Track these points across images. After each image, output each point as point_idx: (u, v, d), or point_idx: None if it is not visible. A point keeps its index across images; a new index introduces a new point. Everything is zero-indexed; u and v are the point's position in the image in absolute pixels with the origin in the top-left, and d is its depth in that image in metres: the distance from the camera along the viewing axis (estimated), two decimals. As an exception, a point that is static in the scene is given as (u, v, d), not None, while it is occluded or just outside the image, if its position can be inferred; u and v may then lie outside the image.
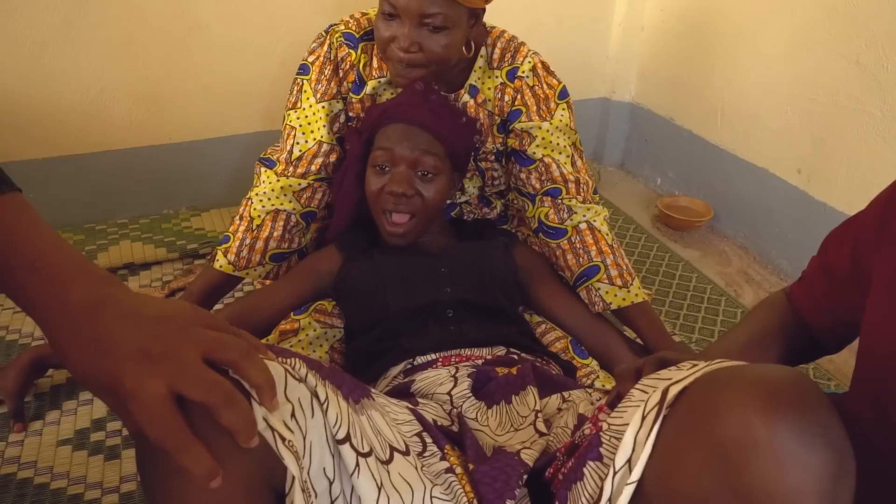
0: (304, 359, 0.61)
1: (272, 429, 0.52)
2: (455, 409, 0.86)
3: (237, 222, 1.28)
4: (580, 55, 2.14)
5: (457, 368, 0.95)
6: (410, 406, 0.79)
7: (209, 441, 0.47)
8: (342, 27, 1.29)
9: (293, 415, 0.55)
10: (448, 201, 1.33)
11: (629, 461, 0.55)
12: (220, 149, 1.75)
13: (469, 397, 0.89)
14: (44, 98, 1.52)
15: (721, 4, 1.81)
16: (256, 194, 1.28)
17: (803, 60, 1.57)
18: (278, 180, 1.28)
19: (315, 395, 0.58)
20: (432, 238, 1.23)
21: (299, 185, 1.28)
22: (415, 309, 1.08)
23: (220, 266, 1.25)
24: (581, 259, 1.25)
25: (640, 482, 0.55)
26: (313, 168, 1.28)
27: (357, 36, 1.28)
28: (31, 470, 1.06)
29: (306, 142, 1.28)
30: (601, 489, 0.57)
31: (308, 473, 0.56)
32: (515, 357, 1.00)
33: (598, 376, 1.17)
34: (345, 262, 1.21)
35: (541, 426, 0.80)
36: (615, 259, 1.25)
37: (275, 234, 1.27)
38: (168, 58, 1.62)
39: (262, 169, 1.31)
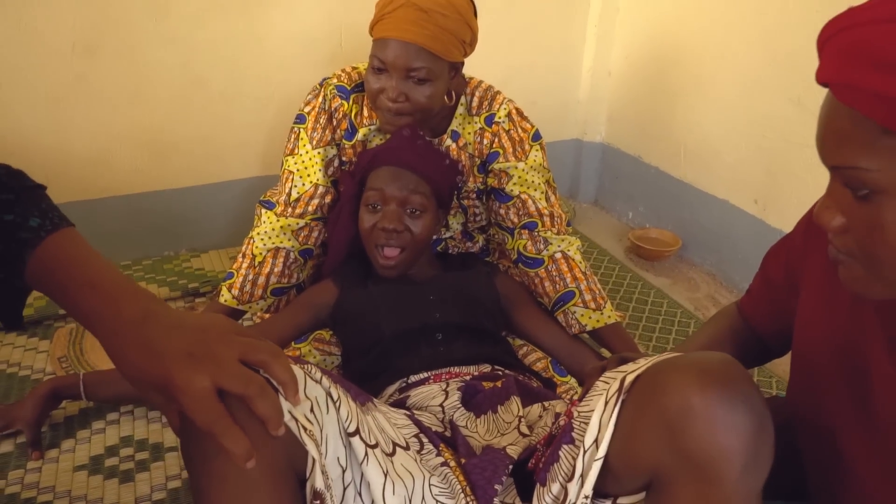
0: (317, 366, 0.71)
1: (295, 420, 0.62)
2: (447, 418, 0.96)
3: (240, 260, 1.38)
4: (553, 100, 2.27)
5: (447, 384, 1.05)
6: (408, 413, 0.88)
7: (244, 429, 0.57)
8: (335, 80, 1.42)
9: (311, 410, 0.65)
10: (434, 237, 1.44)
11: (596, 441, 0.65)
12: (218, 193, 1.85)
13: (459, 408, 0.99)
14: (57, 148, 1.62)
15: (679, 52, 1.97)
16: (258, 233, 1.38)
17: (754, 102, 1.72)
18: (278, 220, 1.38)
19: (329, 394, 0.68)
20: (421, 269, 1.34)
21: (297, 224, 1.39)
22: (407, 332, 1.17)
23: (225, 300, 1.35)
24: (557, 286, 1.36)
25: (606, 458, 0.65)
26: (310, 209, 1.39)
27: (349, 88, 1.41)
28: (51, 494, 1.13)
29: (303, 185, 1.39)
30: (574, 467, 0.67)
31: (324, 460, 0.66)
32: (500, 373, 1.10)
33: (576, 392, 1.27)
34: (341, 294, 1.31)
35: (524, 429, 0.90)
36: (588, 284, 1.36)
37: (275, 270, 1.37)
38: (171, 109, 1.73)
39: (263, 210, 1.42)
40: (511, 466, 0.78)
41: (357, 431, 0.69)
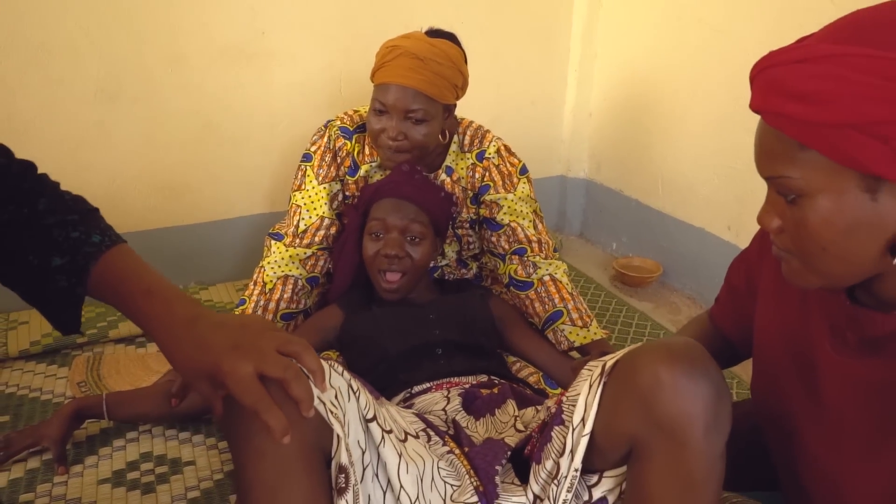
0: (338, 362, 0.82)
1: (323, 404, 0.72)
2: (450, 419, 1.05)
3: (252, 287, 1.48)
4: (538, 139, 2.41)
5: (448, 391, 1.14)
6: (415, 412, 0.98)
7: (281, 410, 0.67)
8: (338, 122, 1.55)
9: (335, 397, 0.75)
10: (431, 264, 1.56)
11: (583, 419, 0.75)
12: (226, 230, 1.96)
13: (460, 411, 1.08)
14: (75, 188, 1.70)
15: (653, 93, 2.13)
16: (268, 263, 1.49)
17: (723, 137, 1.87)
18: (287, 250, 1.49)
19: (350, 385, 0.78)
20: (420, 293, 1.45)
21: (305, 254, 1.50)
22: (409, 349, 1.27)
23: (238, 324, 1.44)
24: (546, 306, 1.47)
25: (592, 434, 0.75)
26: (316, 239, 1.50)
27: (351, 129, 1.54)
28: (77, 505, 1.21)
29: (310, 217, 1.50)
30: (564, 444, 0.77)
31: (347, 440, 0.75)
32: (496, 382, 1.20)
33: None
34: (346, 317, 1.41)
35: (519, 426, 1.00)
36: (575, 304, 1.47)
37: (285, 296, 1.47)
38: (183, 151, 1.85)
39: (272, 242, 1.53)
40: (509, 453, 0.88)
41: (374, 418, 0.79)
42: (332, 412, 0.72)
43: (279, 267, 1.48)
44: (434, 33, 1.45)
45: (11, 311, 1.76)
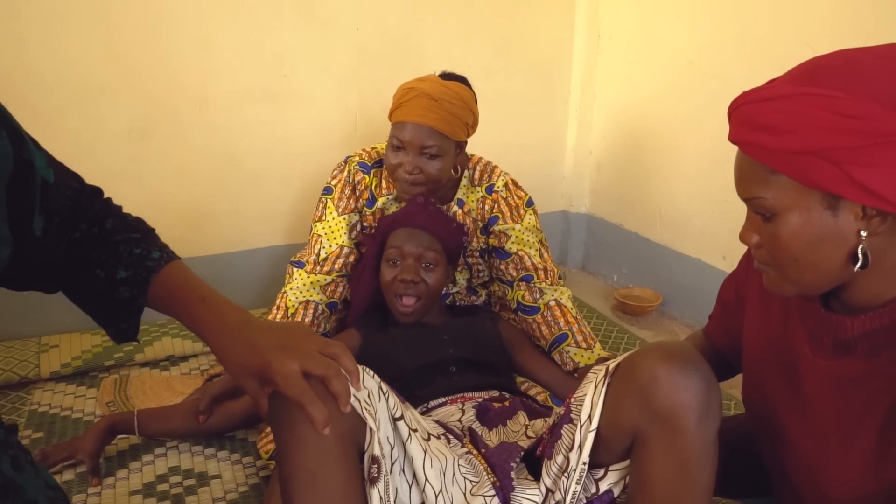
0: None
1: (358, 401, 0.81)
2: (465, 427, 1.13)
3: (275, 311, 1.57)
4: (541, 176, 2.52)
5: (463, 405, 1.23)
6: (434, 419, 1.07)
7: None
8: (357, 158, 1.67)
9: (368, 396, 0.84)
10: (443, 290, 1.65)
11: (590, 416, 0.84)
12: (246, 260, 2.05)
13: (474, 422, 1.16)
14: None
15: (650, 132, 2.25)
16: (290, 289, 1.58)
17: (716, 172, 1.98)
18: (308, 277, 1.59)
19: (380, 388, 0.87)
20: (433, 317, 1.54)
21: (325, 280, 1.59)
22: (424, 366, 1.36)
23: (262, 346, 1.53)
24: (552, 329, 1.56)
25: (598, 430, 0.84)
26: (336, 267, 1.60)
27: (369, 164, 1.66)
28: (111, 515, 1.28)
29: (331, 246, 1.61)
30: (573, 440, 0.85)
31: (379, 434, 0.84)
32: (506, 396, 1.29)
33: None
34: (365, 339, 1.49)
35: (530, 434, 1.08)
36: (580, 327, 1.56)
37: (306, 320, 1.56)
38: (209, 185, 1.96)
39: (294, 269, 1.63)
40: (522, 453, 0.96)
41: (402, 417, 0.88)
42: (365, 409, 0.81)
43: (301, 293, 1.57)
44: (447, 76, 1.58)
45: (43, 335, 1.85)
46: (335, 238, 1.61)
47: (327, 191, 1.65)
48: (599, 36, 2.40)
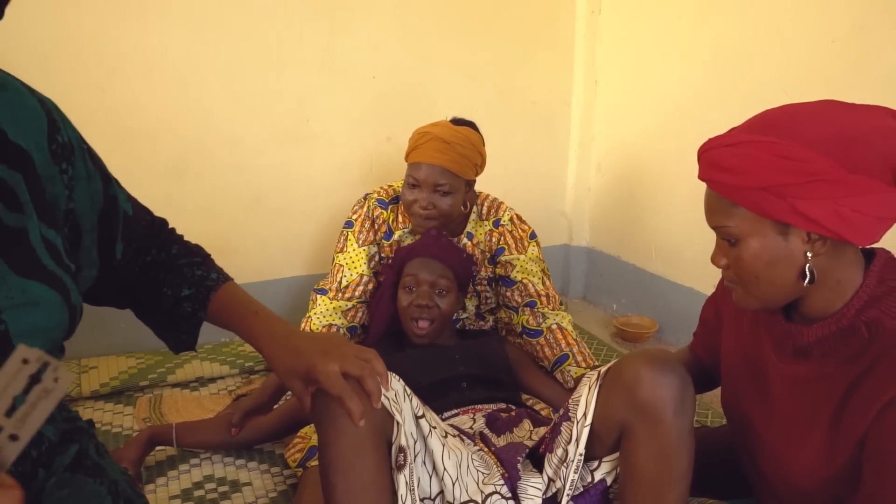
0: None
1: (387, 399, 0.95)
2: (476, 433, 1.27)
3: (300, 334, 1.71)
4: (544, 212, 2.67)
5: (474, 415, 1.36)
6: (449, 424, 1.20)
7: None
8: (375, 195, 1.83)
9: (395, 396, 0.98)
10: (454, 315, 1.79)
11: (584, 413, 0.98)
12: (271, 289, 2.19)
13: (484, 428, 1.30)
14: None
15: (645, 169, 2.42)
16: (315, 314, 1.73)
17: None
18: (331, 303, 1.74)
19: (405, 390, 1.01)
20: (446, 339, 1.68)
21: (346, 306, 1.74)
22: (438, 382, 1.49)
23: (288, 366, 1.67)
24: (555, 350, 1.70)
25: (592, 426, 0.97)
26: (356, 294, 1.75)
27: (387, 200, 1.82)
28: (153, 519, 1.40)
29: (351, 275, 1.76)
30: (571, 434, 0.99)
31: (404, 427, 0.98)
32: (512, 408, 1.42)
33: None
34: (382, 359, 1.63)
35: (534, 438, 1.22)
36: (580, 349, 1.70)
37: (328, 341, 1.70)
38: (236, 220, 2.13)
39: (318, 296, 1.78)
40: (527, 450, 1.09)
41: (423, 416, 1.01)
42: (393, 406, 0.95)
43: (324, 317, 1.72)
44: (458, 121, 1.75)
45: (83, 357, 1.99)
46: (356, 267, 1.76)
47: (348, 224, 1.81)
48: (596, 82, 2.59)
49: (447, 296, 1.63)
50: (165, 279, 1.01)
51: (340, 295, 1.74)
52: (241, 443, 1.59)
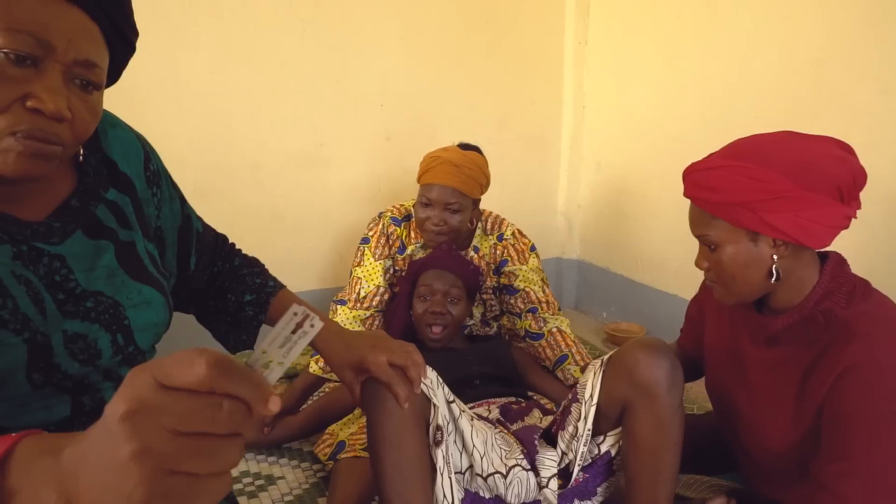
0: (427, 366, 1.22)
1: (426, 385, 1.12)
2: (493, 420, 1.44)
3: (323, 341, 1.87)
4: (536, 228, 2.80)
5: (489, 406, 1.53)
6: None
7: None
8: (389, 213, 2.00)
9: (431, 383, 1.15)
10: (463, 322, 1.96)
11: (591, 395, 1.15)
12: (286, 301, 2.37)
13: (499, 418, 1.47)
14: None
15: (630, 187, 2.62)
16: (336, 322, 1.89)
17: (686, 219, 2.33)
18: (350, 312, 1.90)
19: (438, 379, 1.18)
20: (458, 343, 1.84)
21: (364, 315, 1.91)
22: (453, 380, 1.64)
23: (314, 370, 1.83)
24: (555, 351, 1.88)
25: (598, 405, 1.15)
26: (374, 304, 1.92)
27: (400, 218, 1.99)
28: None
29: (369, 286, 1.93)
30: (580, 413, 1.16)
31: (440, 409, 1.14)
32: (522, 401, 1.59)
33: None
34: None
35: (544, 423, 1.39)
36: (578, 349, 1.88)
37: (349, 347, 1.86)
38: (255, 237, 2.28)
39: (338, 306, 1.94)
40: (542, 430, 1.26)
41: (454, 401, 1.18)
42: (430, 390, 1.12)
43: (345, 325, 1.88)
44: (465, 146, 1.94)
45: (116, 368, 2.13)
46: (372, 280, 1.93)
47: (365, 241, 1.98)
48: (584, 107, 2.80)
49: (458, 303, 1.80)
50: (230, 287, 1.17)
51: (359, 305, 1.91)
52: (273, 441, 1.74)
